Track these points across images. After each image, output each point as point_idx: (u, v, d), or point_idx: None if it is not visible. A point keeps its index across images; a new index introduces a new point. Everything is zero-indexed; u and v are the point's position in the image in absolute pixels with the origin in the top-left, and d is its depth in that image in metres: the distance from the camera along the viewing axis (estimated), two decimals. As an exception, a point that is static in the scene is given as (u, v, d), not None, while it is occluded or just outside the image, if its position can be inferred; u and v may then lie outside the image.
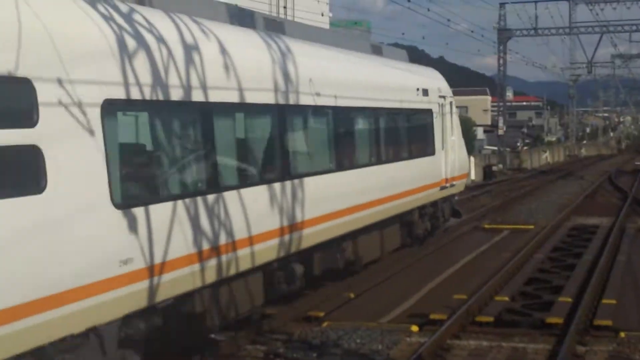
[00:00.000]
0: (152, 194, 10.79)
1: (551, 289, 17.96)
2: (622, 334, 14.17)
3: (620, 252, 22.78)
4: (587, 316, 15.33)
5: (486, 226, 28.94)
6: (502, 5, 68.70)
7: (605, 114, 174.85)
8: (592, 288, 17.11)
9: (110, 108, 9.81)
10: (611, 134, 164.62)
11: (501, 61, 67.67)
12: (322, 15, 38.16)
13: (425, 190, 22.10)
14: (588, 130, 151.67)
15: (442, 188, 23.63)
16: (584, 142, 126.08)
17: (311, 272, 15.96)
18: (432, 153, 22.93)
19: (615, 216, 30.56)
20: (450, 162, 24.23)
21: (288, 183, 14.24)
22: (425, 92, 22.80)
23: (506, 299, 16.86)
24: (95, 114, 9.48)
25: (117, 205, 9.74)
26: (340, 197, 16.43)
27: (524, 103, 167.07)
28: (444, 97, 24.28)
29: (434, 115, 23.25)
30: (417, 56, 25.93)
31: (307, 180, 14.99)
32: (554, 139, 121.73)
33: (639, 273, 20.29)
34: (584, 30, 69.63)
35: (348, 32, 21.73)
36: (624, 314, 15.84)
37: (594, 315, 15.48)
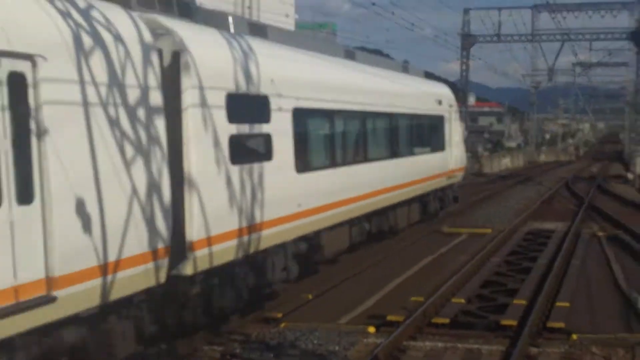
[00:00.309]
0: (315, 165, 17.60)
1: (506, 292, 18.23)
2: (574, 336, 14.44)
3: (575, 256, 23.11)
4: (540, 318, 15.60)
5: (445, 230, 29.21)
6: (466, 11, 69.20)
7: (565, 121, 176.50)
8: (546, 291, 17.39)
9: (296, 112, 16.32)
10: (570, 141, 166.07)
11: (464, 67, 68.18)
12: (287, 16, 38.11)
13: (437, 178, 28.70)
14: (547, 136, 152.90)
15: (448, 177, 30.39)
16: (543, 148, 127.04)
17: (371, 230, 21.99)
18: (443, 149, 29.67)
19: (571, 221, 30.98)
20: (454, 157, 30.98)
21: (366, 164, 20.91)
22: (440, 102, 29.42)
23: (462, 301, 17.10)
24: (289, 116, 16.03)
25: (297, 171, 16.30)
26: (390, 178, 22.73)
27: (486, 109, 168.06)
28: (451, 105, 31.07)
29: (445, 119, 29.91)
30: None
31: (374, 164, 21.55)
32: (514, 144, 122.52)
33: (593, 277, 20.61)
34: (546, 38, 70.34)
35: (391, 61, 26.62)
36: (576, 316, 16.13)
37: (547, 317, 15.76)
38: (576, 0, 68.54)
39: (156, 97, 11.52)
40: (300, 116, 16.60)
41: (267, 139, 15.11)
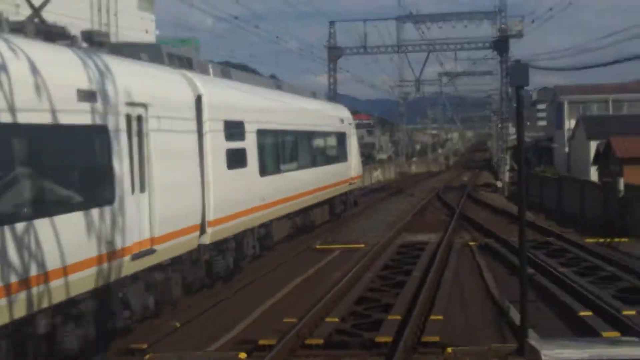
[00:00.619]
0: (275, 169, 24.45)
1: (381, 308, 18.03)
2: (449, 350, 14.31)
3: (448, 267, 23.16)
4: (415, 333, 15.44)
5: (318, 247, 28.92)
6: (331, 23, 69.33)
7: (434, 131, 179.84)
8: (420, 305, 17.25)
9: (258, 132, 22.42)
10: (440, 151, 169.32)
11: (331, 79, 68.32)
12: (147, 32, 37.33)
13: (343, 184, 35.13)
14: (418, 147, 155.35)
15: (350, 184, 36.81)
16: (414, 159, 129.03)
17: (299, 224, 28.16)
18: (346, 160, 36.11)
19: (443, 232, 31.16)
20: (353, 167, 37.55)
21: (298, 171, 27.22)
22: (342, 121, 36.30)
23: (336, 319, 16.80)
24: (254, 135, 22.06)
25: (260, 175, 22.38)
26: (312, 183, 29.01)
27: (356, 121, 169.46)
28: (350, 123, 37.96)
29: (347, 135, 36.54)
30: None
31: (303, 171, 27.82)
32: (385, 156, 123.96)
33: (466, 287, 20.66)
34: (412, 49, 71.04)
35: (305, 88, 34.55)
36: (451, 329, 16.07)
37: (422, 332, 15.58)
38: (439, 11, 69.82)
39: (194, 125, 18.08)
40: (261, 135, 22.84)
41: (243, 151, 21.33)
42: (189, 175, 17.56)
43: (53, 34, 14.06)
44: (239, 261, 21.28)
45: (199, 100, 18.42)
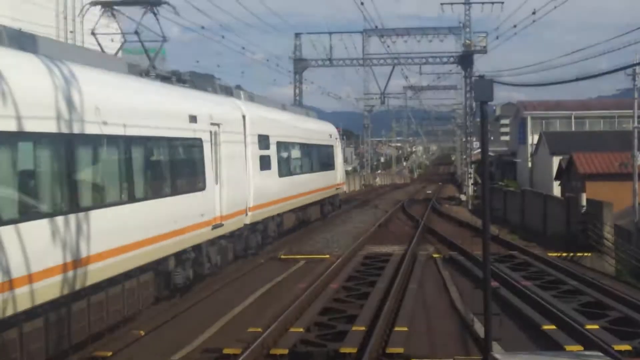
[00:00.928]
0: (287, 172, 31.53)
1: (346, 319, 17.99)
2: (413, 361, 14.31)
3: (412, 279, 23.19)
4: (380, 344, 15.45)
5: (282, 256, 28.86)
6: (297, 35, 69.45)
7: (399, 144, 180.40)
8: (385, 316, 17.28)
9: (276, 143, 29.54)
10: (404, 163, 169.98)
11: (297, 91, 68.36)
12: (112, 41, 37.10)
13: (330, 189, 41.88)
14: (382, 159, 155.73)
15: (336, 189, 44.02)
16: (379, 171, 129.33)
17: (300, 219, 34.61)
18: (333, 169, 43.15)
19: (407, 244, 31.19)
20: (339, 175, 44.61)
21: (302, 175, 34.49)
22: (330, 136, 43.43)
23: (301, 330, 16.76)
24: (275, 146, 29.36)
25: (279, 176, 29.68)
26: (310, 186, 35.65)
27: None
28: (336, 138, 45.44)
29: (333, 148, 43.60)
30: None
31: (304, 175, 34.96)
32: (350, 168, 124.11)
33: (430, 300, 20.69)
34: (377, 62, 71.35)
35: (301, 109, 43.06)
36: (415, 340, 16.11)
37: (386, 343, 15.61)
38: (404, 25, 70.14)
39: (242, 137, 24.95)
40: (279, 146, 29.80)
41: (268, 158, 27.86)
42: (240, 173, 24.43)
43: (161, 76, 20.65)
44: (265, 239, 28.08)
45: (243, 119, 25.23)
